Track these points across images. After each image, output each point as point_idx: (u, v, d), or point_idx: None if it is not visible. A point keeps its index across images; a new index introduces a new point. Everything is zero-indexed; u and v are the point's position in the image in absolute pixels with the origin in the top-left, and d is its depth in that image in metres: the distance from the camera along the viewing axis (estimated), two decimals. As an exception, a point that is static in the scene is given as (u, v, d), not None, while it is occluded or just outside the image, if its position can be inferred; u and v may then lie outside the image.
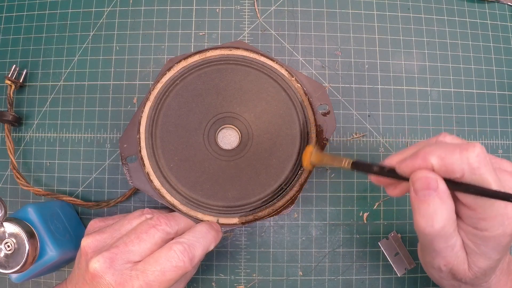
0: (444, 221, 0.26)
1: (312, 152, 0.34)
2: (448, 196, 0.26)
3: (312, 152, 0.34)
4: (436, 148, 0.26)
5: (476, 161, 0.25)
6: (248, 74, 0.39)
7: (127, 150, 0.38)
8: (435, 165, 0.26)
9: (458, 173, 0.25)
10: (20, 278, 0.36)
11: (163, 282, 0.29)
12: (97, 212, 0.44)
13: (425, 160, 0.26)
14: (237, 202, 0.37)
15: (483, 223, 0.26)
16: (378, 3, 0.47)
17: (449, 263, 0.29)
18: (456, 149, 0.25)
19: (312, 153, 0.34)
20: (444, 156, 0.25)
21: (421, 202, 0.26)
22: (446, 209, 0.26)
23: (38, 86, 0.45)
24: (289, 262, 0.43)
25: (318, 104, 0.39)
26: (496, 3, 0.48)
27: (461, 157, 0.25)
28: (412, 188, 0.26)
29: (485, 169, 0.25)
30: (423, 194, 0.26)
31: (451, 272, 0.29)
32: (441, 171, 0.26)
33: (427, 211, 0.26)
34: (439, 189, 0.26)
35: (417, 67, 0.46)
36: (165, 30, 0.46)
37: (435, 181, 0.26)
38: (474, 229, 0.27)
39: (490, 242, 0.27)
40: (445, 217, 0.26)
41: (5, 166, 0.44)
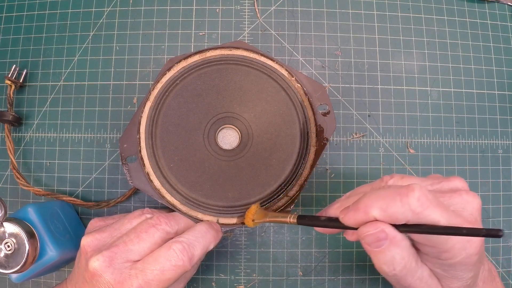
0: (404, 261, 0.26)
1: (256, 211, 0.34)
2: (401, 237, 0.26)
3: (256, 211, 0.34)
4: (376, 199, 0.26)
5: (418, 205, 0.25)
6: (248, 74, 0.39)
7: (127, 150, 0.38)
8: (378, 217, 0.26)
9: (402, 221, 0.25)
10: (20, 278, 0.36)
11: (162, 281, 0.29)
12: (97, 212, 0.44)
13: (366, 213, 0.26)
14: (237, 202, 0.37)
15: (445, 254, 0.26)
16: (378, 3, 0.47)
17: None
18: (396, 197, 0.25)
19: (256, 211, 0.34)
20: (385, 207, 0.25)
21: (376, 253, 0.26)
22: (402, 250, 0.26)
23: (38, 86, 0.45)
24: (289, 262, 0.43)
25: (318, 104, 0.39)
26: (496, 3, 0.48)
27: (402, 205, 0.25)
28: (363, 242, 0.26)
29: (429, 210, 0.25)
30: (376, 245, 0.26)
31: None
32: (385, 221, 0.26)
33: (384, 258, 0.26)
34: (389, 237, 0.25)
35: (417, 67, 0.46)
36: (165, 30, 0.46)
37: (384, 232, 0.25)
38: (439, 260, 0.27)
39: (458, 266, 0.27)
40: (405, 257, 0.26)
41: (5, 166, 0.44)
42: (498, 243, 0.44)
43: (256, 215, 0.34)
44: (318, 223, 0.30)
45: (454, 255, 0.26)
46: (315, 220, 0.30)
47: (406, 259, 0.26)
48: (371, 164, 0.44)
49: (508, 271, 0.44)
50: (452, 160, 0.45)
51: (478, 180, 0.45)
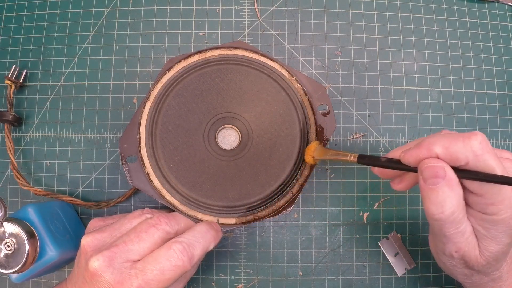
0: (454, 207, 0.26)
1: (316, 148, 0.34)
2: (456, 183, 0.27)
3: (316, 148, 0.34)
4: (440, 138, 0.27)
5: (479, 148, 0.26)
6: (248, 74, 0.39)
7: (127, 150, 0.38)
8: (440, 154, 0.26)
9: (462, 161, 0.26)
10: (20, 278, 0.36)
11: (162, 281, 0.29)
12: (97, 212, 0.44)
13: (429, 150, 0.27)
14: (237, 202, 0.37)
15: (492, 207, 0.27)
16: (378, 3, 0.47)
17: (461, 249, 0.29)
18: (459, 138, 0.26)
19: (316, 148, 0.34)
20: (448, 145, 0.26)
21: (430, 190, 0.26)
22: (455, 195, 0.26)
23: (38, 86, 0.45)
24: (289, 262, 0.43)
25: (318, 104, 0.39)
26: (496, 3, 0.48)
27: (465, 145, 0.26)
28: (420, 177, 0.27)
29: (488, 155, 0.26)
30: (432, 182, 0.26)
31: (463, 259, 0.30)
32: (446, 160, 0.26)
33: (437, 198, 0.26)
34: (447, 177, 0.26)
35: (417, 67, 0.46)
36: (165, 30, 0.46)
37: (443, 169, 0.26)
38: (483, 214, 0.28)
39: (500, 225, 0.28)
40: (455, 203, 0.27)
41: (5, 166, 0.44)
42: None
43: (316, 152, 0.34)
44: (378, 163, 0.30)
45: (500, 210, 0.27)
46: (376, 160, 0.31)
47: (455, 206, 0.27)
48: (371, 164, 0.44)
49: (508, 271, 0.44)
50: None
51: (478, 180, 0.45)
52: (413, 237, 0.44)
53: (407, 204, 0.44)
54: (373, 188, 0.44)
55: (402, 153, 0.28)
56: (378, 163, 0.30)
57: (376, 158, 0.31)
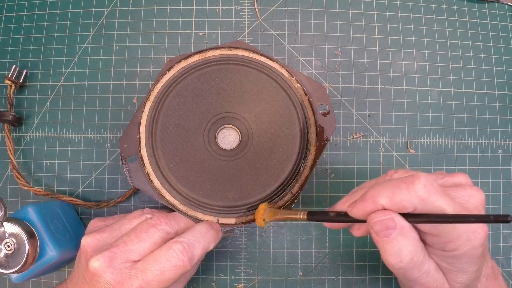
0: (412, 253, 0.26)
1: (265, 210, 0.34)
2: (409, 229, 0.26)
3: (265, 210, 0.34)
4: (383, 188, 0.26)
5: (424, 192, 0.25)
6: (248, 74, 0.39)
7: (127, 150, 0.38)
8: (386, 205, 0.26)
9: (409, 208, 0.25)
10: (20, 278, 0.36)
11: (162, 281, 0.29)
12: (97, 212, 0.44)
13: (374, 202, 0.26)
14: (237, 202, 0.37)
15: (450, 244, 0.26)
16: (378, 3, 0.47)
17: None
18: (402, 185, 0.25)
19: (265, 210, 0.34)
20: (392, 195, 0.26)
21: (385, 243, 0.26)
22: (411, 241, 0.26)
23: (38, 86, 0.45)
24: (289, 262, 0.43)
25: (318, 104, 0.39)
26: (496, 3, 0.48)
27: (409, 192, 0.25)
28: (371, 231, 0.26)
29: (435, 197, 0.25)
30: (384, 234, 0.26)
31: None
32: (393, 209, 0.26)
33: (392, 249, 0.26)
34: (398, 226, 0.26)
35: (417, 67, 0.46)
36: (165, 30, 0.46)
37: (392, 220, 0.26)
38: (444, 251, 0.27)
39: (463, 258, 0.27)
40: (412, 249, 0.26)
41: (5, 166, 0.44)
42: (498, 243, 0.44)
43: (266, 214, 0.34)
44: (327, 218, 0.30)
45: (459, 245, 0.26)
46: (325, 215, 0.31)
47: (413, 252, 0.26)
48: (371, 164, 0.44)
49: (508, 271, 0.44)
50: (452, 160, 0.45)
51: (478, 180, 0.45)
52: (413, 237, 0.44)
53: (407, 204, 0.44)
54: (373, 188, 0.44)
55: (348, 207, 0.28)
56: (327, 218, 0.30)
57: (325, 213, 0.31)
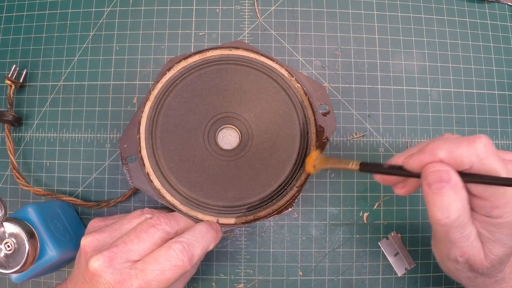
0: (459, 211, 0.26)
1: (316, 157, 0.34)
2: (461, 187, 0.26)
3: (316, 157, 0.34)
4: (443, 142, 0.27)
5: (484, 151, 0.25)
6: (248, 74, 0.39)
7: (127, 150, 0.38)
8: (444, 158, 0.26)
9: (467, 164, 0.26)
10: (20, 278, 0.36)
11: (162, 281, 0.29)
12: (97, 212, 0.44)
13: (433, 154, 0.26)
14: (237, 202, 0.37)
15: (496, 210, 0.27)
16: (378, 3, 0.47)
17: (466, 253, 0.29)
18: (463, 142, 0.26)
19: (317, 157, 0.34)
20: (452, 149, 0.26)
21: (435, 195, 0.26)
22: (460, 199, 0.26)
23: (38, 86, 0.45)
24: (289, 262, 0.43)
25: (318, 104, 0.39)
26: (496, 3, 0.48)
27: (469, 149, 0.26)
28: (424, 182, 0.27)
29: (492, 158, 0.26)
30: (436, 187, 0.26)
31: (467, 263, 0.30)
32: (450, 164, 0.26)
33: (442, 203, 0.26)
34: (452, 181, 0.26)
35: (417, 67, 0.46)
36: (165, 30, 0.46)
37: (447, 173, 0.26)
38: (488, 218, 0.27)
39: (505, 228, 0.27)
40: (460, 207, 0.26)
41: (5, 166, 0.44)
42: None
43: (317, 161, 0.34)
44: (381, 169, 0.30)
45: (505, 213, 0.27)
46: (379, 167, 0.30)
47: (461, 210, 0.26)
48: (371, 164, 0.44)
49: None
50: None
51: (478, 180, 0.45)
52: (413, 237, 0.44)
53: (407, 204, 0.44)
54: (373, 188, 0.44)
55: (405, 159, 0.28)
56: (380, 170, 0.30)
57: (379, 165, 0.30)
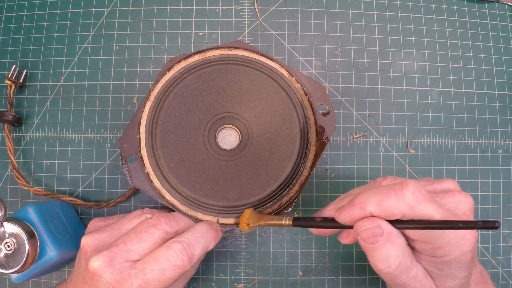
0: (399, 259, 0.26)
1: (250, 215, 0.34)
2: (397, 235, 0.26)
3: (250, 215, 0.34)
4: (371, 195, 0.26)
5: (413, 199, 0.25)
6: (248, 74, 0.39)
7: (127, 150, 0.38)
8: (374, 212, 0.26)
9: (397, 215, 0.25)
10: (20, 278, 0.36)
11: (162, 281, 0.29)
12: (97, 212, 0.44)
13: (362, 208, 0.26)
14: (237, 202, 0.37)
15: (440, 251, 0.26)
16: (378, 3, 0.47)
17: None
18: (390, 193, 0.25)
19: (250, 215, 0.34)
20: (380, 202, 0.26)
21: (372, 249, 0.26)
22: (398, 247, 0.26)
23: (38, 86, 0.45)
24: (289, 262, 0.43)
25: (318, 104, 0.39)
26: (496, 3, 0.48)
27: (397, 199, 0.25)
28: (359, 238, 0.26)
29: (424, 204, 0.25)
30: (371, 241, 0.26)
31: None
32: (381, 216, 0.26)
33: (380, 255, 0.26)
34: (386, 233, 0.26)
35: (417, 67, 0.46)
36: (165, 30, 0.46)
37: (380, 228, 0.26)
38: (433, 257, 0.27)
39: (453, 264, 0.27)
40: (399, 254, 0.26)
41: (5, 166, 0.44)
42: (498, 243, 0.44)
43: (250, 219, 0.34)
44: (313, 223, 0.30)
45: (449, 251, 0.26)
46: (311, 221, 0.30)
47: (401, 257, 0.26)
48: (371, 164, 0.44)
49: (508, 271, 0.44)
50: (452, 160, 0.45)
51: (478, 180, 0.45)
52: (413, 237, 0.43)
53: (407, 204, 0.44)
54: (373, 188, 0.44)
55: (336, 212, 0.28)
56: (313, 224, 0.30)
57: (311, 219, 0.30)
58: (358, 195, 0.27)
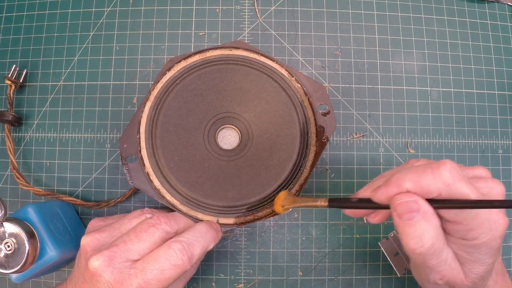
0: (433, 239, 0.26)
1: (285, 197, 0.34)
2: (432, 214, 0.26)
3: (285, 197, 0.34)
4: (408, 173, 0.26)
5: (450, 177, 0.25)
6: (248, 74, 0.39)
7: (127, 150, 0.38)
8: (410, 189, 0.26)
9: (434, 193, 0.25)
10: (20, 278, 0.36)
11: (162, 280, 0.29)
12: (97, 212, 0.44)
13: (399, 186, 0.26)
14: (237, 202, 0.37)
15: (472, 233, 0.27)
16: (378, 3, 0.47)
17: (445, 276, 0.28)
18: (427, 170, 0.26)
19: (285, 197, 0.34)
20: (417, 179, 0.26)
21: (406, 226, 0.26)
22: (432, 227, 0.26)
23: (38, 86, 0.45)
24: (289, 262, 0.43)
25: (318, 104, 0.39)
26: (496, 3, 0.48)
27: (434, 177, 0.25)
28: (394, 213, 0.26)
29: (460, 183, 0.25)
30: (407, 217, 0.26)
31: (448, 285, 0.29)
32: (418, 194, 0.26)
33: (414, 233, 0.26)
34: (422, 210, 0.26)
35: (417, 67, 0.46)
36: (165, 30, 0.46)
37: (416, 203, 0.26)
38: (464, 240, 0.27)
39: (482, 248, 0.27)
40: (433, 235, 0.26)
41: (5, 166, 0.44)
42: (498, 243, 0.44)
43: (285, 201, 0.34)
44: (349, 204, 0.30)
45: (480, 234, 0.26)
46: (346, 202, 0.30)
47: (435, 237, 0.26)
48: (371, 164, 0.44)
49: (509, 271, 0.44)
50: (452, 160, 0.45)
51: (478, 180, 0.45)
52: (413, 237, 0.43)
53: (407, 204, 0.44)
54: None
55: (372, 192, 0.28)
56: (349, 204, 0.30)
57: (347, 200, 0.30)
58: (394, 174, 0.27)
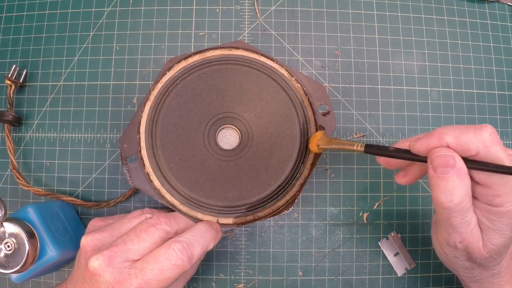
0: (462, 196, 0.27)
1: (321, 137, 0.34)
2: (466, 172, 0.27)
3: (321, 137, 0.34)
4: (450, 129, 0.27)
5: (490, 139, 0.26)
6: (248, 74, 0.39)
7: (127, 150, 0.38)
8: (451, 143, 0.27)
9: (473, 151, 0.26)
10: (20, 278, 0.36)
11: (162, 280, 0.29)
12: (97, 212, 0.44)
13: (440, 139, 0.27)
14: (237, 202, 0.37)
15: (498, 199, 0.27)
16: (378, 3, 0.47)
17: (465, 240, 0.29)
18: (470, 129, 0.27)
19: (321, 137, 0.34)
20: (459, 135, 0.27)
21: (440, 179, 0.27)
22: (464, 185, 0.27)
23: (38, 86, 0.45)
24: (289, 262, 0.43)
25: (318, 104, 0.39)
26: (496, 3, 0.48)
27: (475, 135, 0.26)
28: (430, 166, 0.27)
29: (497, 147, 0.26)
30: (442, 171, 0.27)
31: (466, 250, 0.30)
32: (456, 150, 0.27)
33: (446, 187, 0.27)
34: (457, 166, 0.27)
35: (417, 67, 0.46)
36: (165, 30, 0.46)
37: (453, 158, 0.27)
38: (489, 206, 0.28)
39: (505, 217, 0.28)
40: (463, 192, 0.27)
41: (5, 166, 0.44)
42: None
43: (321, 141, 0.34)
44: (386, 152, 0.30)
45: (507, 202, 0.27)
46: (384, 149, 0.30)
47: (464, 195, 0.27)
48: (371, 164, 0.44)
49: (508, 271, 0.44)
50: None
51: (478, 180, 0.45)
52: (413, 237, 0.44)
53: (407, 204, 0.44)
54: (373, 188, 0.44)
55: (412, 142, 0.29)
56: (386, 152, 0.30)
57: (384, 147, 0.31)
58: (436, 128, 0.28)
